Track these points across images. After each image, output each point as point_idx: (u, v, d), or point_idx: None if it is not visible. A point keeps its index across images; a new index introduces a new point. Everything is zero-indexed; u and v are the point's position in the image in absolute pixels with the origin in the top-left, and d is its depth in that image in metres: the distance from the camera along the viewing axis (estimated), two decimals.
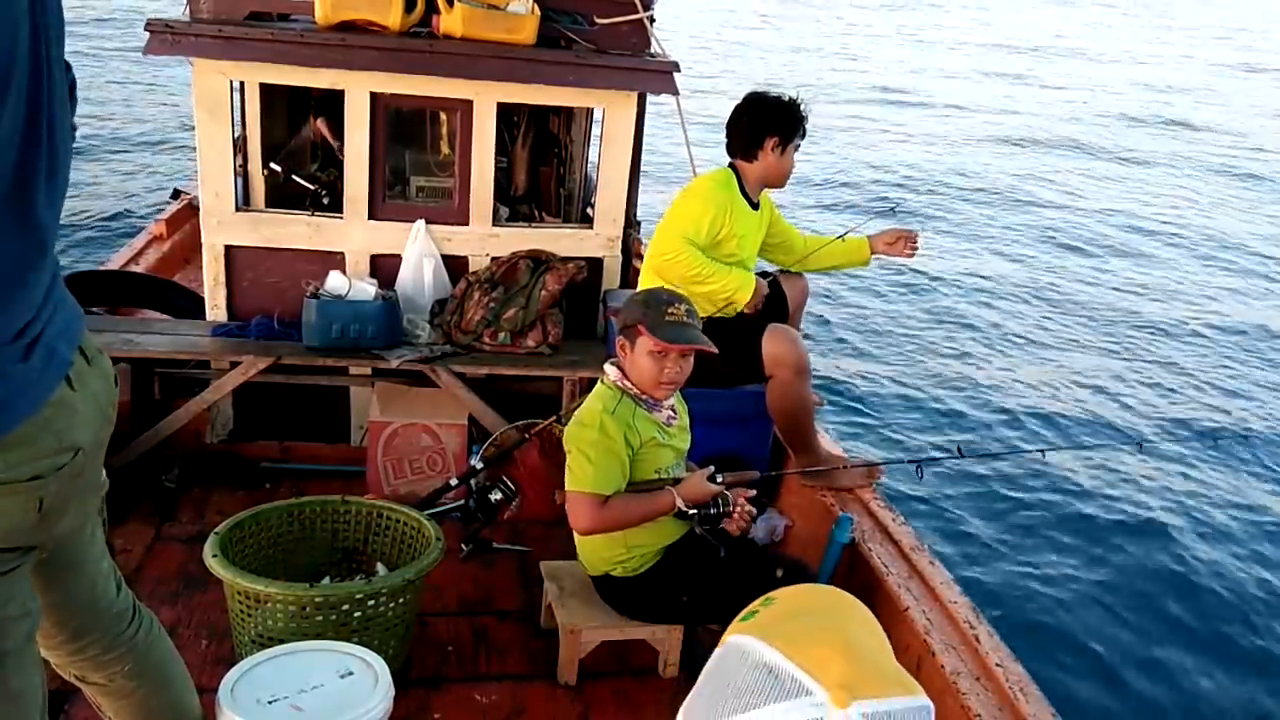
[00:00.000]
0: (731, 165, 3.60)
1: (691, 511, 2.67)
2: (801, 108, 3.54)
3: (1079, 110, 19.25)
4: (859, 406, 6.86)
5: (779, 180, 3.60)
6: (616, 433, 2.64)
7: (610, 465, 2.65)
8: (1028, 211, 12.23)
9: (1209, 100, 21.51)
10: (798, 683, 0.79)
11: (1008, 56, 25.83)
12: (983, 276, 9.75)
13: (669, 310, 2.65)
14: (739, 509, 2.69)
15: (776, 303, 3.77)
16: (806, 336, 3.88)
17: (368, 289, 3.75)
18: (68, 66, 1.60)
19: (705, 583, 2.79)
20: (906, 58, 24.39)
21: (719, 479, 2.71)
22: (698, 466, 2.85)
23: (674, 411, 2.83)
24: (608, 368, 2.80)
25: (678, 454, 2.84)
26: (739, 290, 3.49)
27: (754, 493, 2.76)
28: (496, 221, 4.05)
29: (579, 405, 2.84)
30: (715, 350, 2.70)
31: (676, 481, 2.72)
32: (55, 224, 1.52)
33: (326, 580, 3.01)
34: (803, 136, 3.58)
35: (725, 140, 3.60)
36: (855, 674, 0.80)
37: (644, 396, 2.73)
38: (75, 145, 1.62)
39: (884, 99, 18.99)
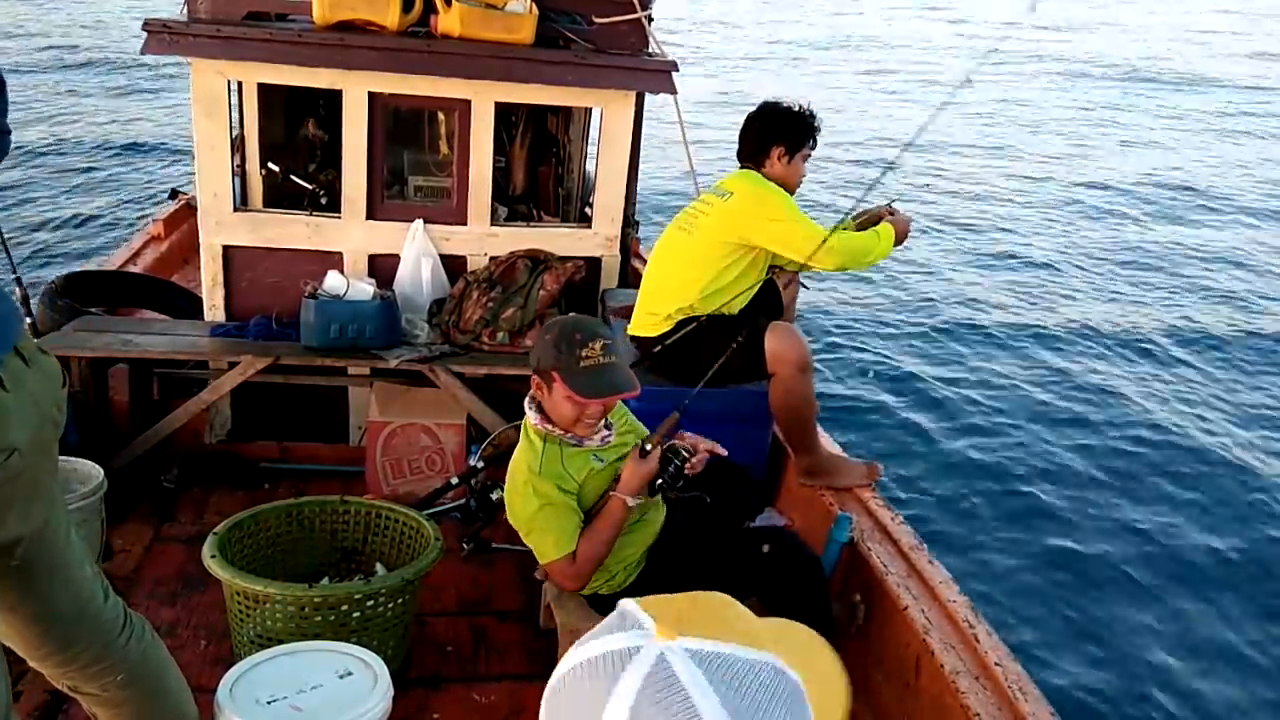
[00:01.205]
0: (744, 169, 3.59)
1: (658, 483, 2.53)
2: (813, 118, 3.54)
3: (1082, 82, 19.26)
4: (855, 404, 6.87)
5: (788, 188, 3.57)
6: (550, 489, 2.51)
7: (563, 521, 2.53)
8: (1027, 195, 12.24)
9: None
10: (636, 619, 0.80)
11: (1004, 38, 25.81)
12: (977, 263, 9.76)
13: (583, 353, 2.43)
14: (692, 449, 2.53)
15: (773, 300, 3.77)
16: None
17: (366, 289, 3.75)
18: None
19: (693, 577, 2.78)
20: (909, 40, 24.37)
21: (647, 448, 2.53)
22: None
23: (608, 428, 2.66)
24: (528, 409, 2.60)
25: (625, 457, 2.67)
26: (889, 245, 3.52)
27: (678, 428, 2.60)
28: (495, 221, 4.05)
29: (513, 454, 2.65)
30: (638, 393, 2.53)
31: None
32: None
33: (325, 580, 3.01)
34: (813, 146, 3.57)
35: (736, 147, 3.59)
36: (697, 619, 0.81)
37: (567, 435, 2.58)
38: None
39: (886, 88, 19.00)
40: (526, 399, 2.63)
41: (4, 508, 1.57)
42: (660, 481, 2.54)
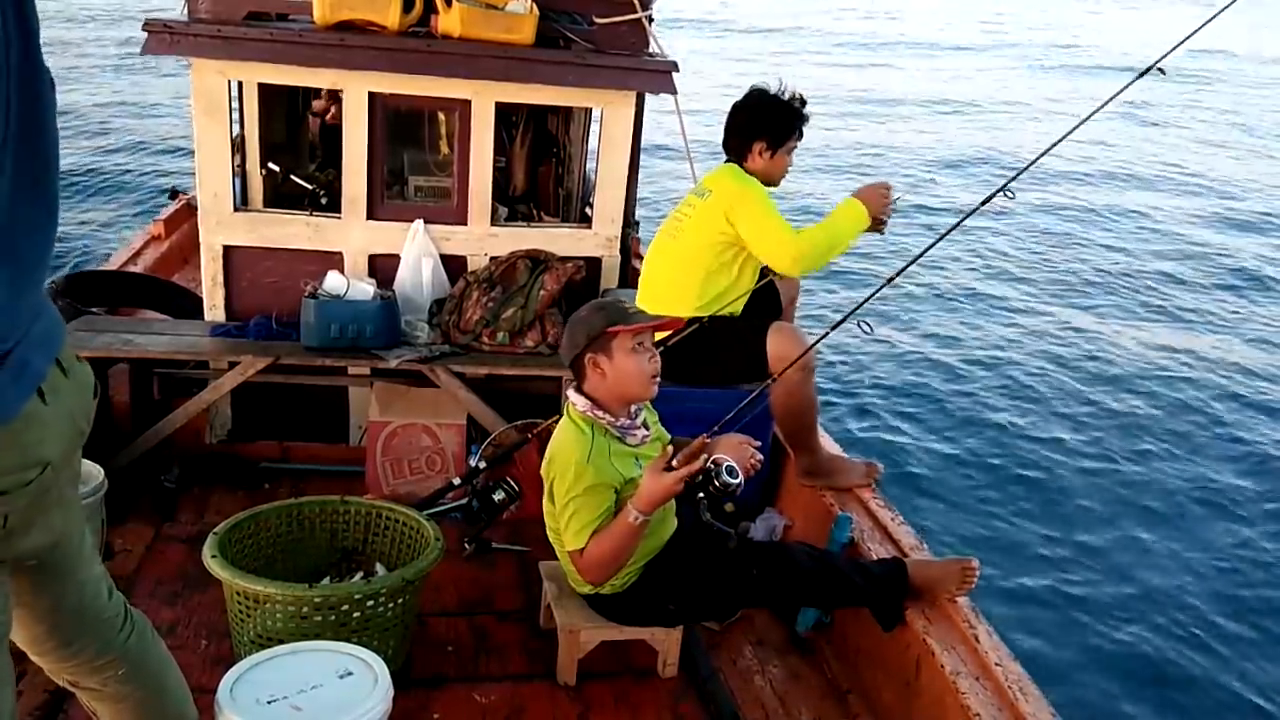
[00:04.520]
0: (727, 163, 3.59)
1: (699, 496, 2.45)
2: (801, 106, 3.50)
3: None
4: (855, 404, 6.86)
5: (771, 182, 3.55)
6: (594, 478, 2.56)
7: (590, 515, 2.57)
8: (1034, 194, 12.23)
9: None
10: None
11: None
12: (978, 258, 9.76)
13: (622, 302, 2.72)
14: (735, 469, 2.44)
15: (772, 300, 3.76)
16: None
17: (366, 289, 3.75)
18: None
19: (687, 590, 2.80)
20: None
21: (673, 464, 2.45)
22: None
23: (646, 428, 2.75)
24: (574, 397, 2.68)
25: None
26: (861, 224, 3.43)
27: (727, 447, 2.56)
28: (495, 221, 4.05)
29: (552, 430, 2.74)
30: (683, 324, 2.79)
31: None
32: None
33: (326, 580, 3.01)
34: (798, 138, 3.54)
35: (722, 140, 3.59)
36: None
37: (618, 423, 2.65)
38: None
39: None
40: (569, 391, 2.71)
41: (30, 521, 1.56)
42: (702, 498, 2.43)
